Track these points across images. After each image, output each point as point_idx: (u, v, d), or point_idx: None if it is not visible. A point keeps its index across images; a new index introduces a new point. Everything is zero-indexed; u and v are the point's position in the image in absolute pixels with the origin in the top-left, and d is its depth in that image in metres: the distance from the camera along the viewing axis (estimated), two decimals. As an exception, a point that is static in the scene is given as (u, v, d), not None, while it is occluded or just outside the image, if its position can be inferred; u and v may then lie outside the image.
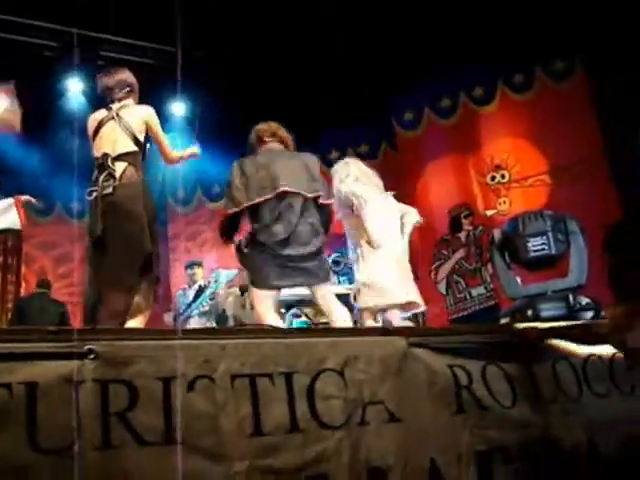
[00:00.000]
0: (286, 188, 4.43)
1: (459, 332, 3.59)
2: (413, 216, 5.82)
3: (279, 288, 4.51)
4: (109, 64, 8.63)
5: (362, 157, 9.33)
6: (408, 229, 5.73)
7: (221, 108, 8.44)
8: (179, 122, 8.86)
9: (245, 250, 4.52)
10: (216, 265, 8.39)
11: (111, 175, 4.31)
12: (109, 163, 4.35)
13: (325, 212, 4.74)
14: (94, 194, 4.33)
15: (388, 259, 5.28)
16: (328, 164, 9.25)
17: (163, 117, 8.73)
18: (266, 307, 4.30)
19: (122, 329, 3.39)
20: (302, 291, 6.44)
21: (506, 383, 3.40)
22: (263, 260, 4.39)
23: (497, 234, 5.47)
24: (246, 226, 4.60)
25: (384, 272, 5.21)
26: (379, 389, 3.03)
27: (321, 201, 4.62)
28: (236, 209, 4.48)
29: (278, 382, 2.78)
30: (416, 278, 8.54)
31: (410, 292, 5.36)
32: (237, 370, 2.71)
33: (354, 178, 5.45)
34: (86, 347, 2.48)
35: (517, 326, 3.68)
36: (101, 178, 4.34)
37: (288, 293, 6.24)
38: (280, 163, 4.57)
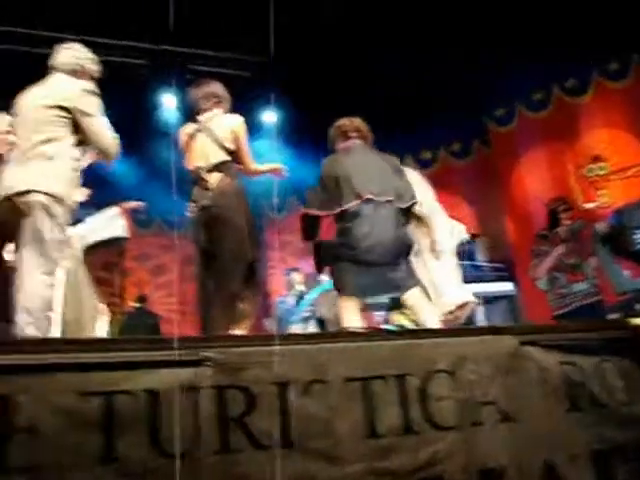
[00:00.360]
0: (372, 196, 4.34)
1: (570, 329, 3.51)
2: (461, 232, 5.80)
3: (364, 297, 4.45)
4: (199, 77, 8.86)
5: (455, 155, 9.31)
6: (454, 243, 5.71)
7: (312, 113, 8.48)
8: (270, 131, 8.96)
9: (329, 254, 4.46)
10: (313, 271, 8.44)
11: (206, 187, 4.39)
12: (203, 175, 4.43)
13: (411, 217, 4.68)
14: (193, 207, 4.43)
15: (449, 265, 5.26)
16: (422, 164, 9.29)
17: (254, 127, 8.98)
18: (350, 311, 4.25)
19: (236, 336, 3.45)
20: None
21: (621, 380, 3.31)
22: (348, 267, 4.27)
23: (601, 227, 5.33)
24: (329, 227, 4.58)
25: (446, 277, 5.15)
26: (491, 389, 3.00)
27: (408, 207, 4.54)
28: (324, 212, 4.45)
29: (391, 384, 2.78)
30: (513, 275, 8.43)
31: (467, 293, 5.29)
32: (350, 373, 2.72)
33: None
34: (202, 354, 2.54)
35: (630, 321, 3.57)
36: (198, 190, 4.43)
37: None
38: (369, 165, 4.51)
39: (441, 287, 5.02)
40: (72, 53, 4.17)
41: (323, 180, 4.49)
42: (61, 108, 3.79)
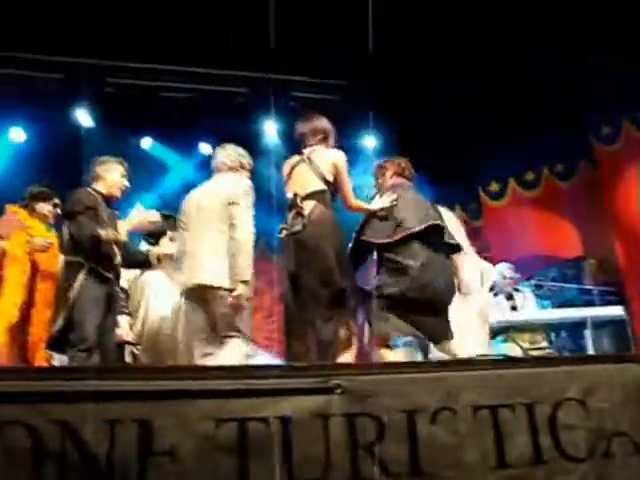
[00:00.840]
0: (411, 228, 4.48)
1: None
2: (491, 274, 5.72)
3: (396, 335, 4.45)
4: (300, 104, 9.01)
5: (559, 176, 9.10)
6: (486, 286, 5.61)
7: (412, 137, 8.50)
8: (370, 155, 8.99)
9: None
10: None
11: (300, 213, 4.47)
12: (298, 202, 4.50)
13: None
14: (284, 232, 4.54)
15: (471, 308, 5.18)
16: (526, 186, 9.15)
17: (354, 152, 9.04)
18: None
19: (367, 364, 3.48)
20: (512, 317, 6.39)
21: None
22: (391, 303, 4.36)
23: None
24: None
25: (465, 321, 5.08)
26: (622, 419, 2.92)
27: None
28: (380, 240, 4.53)
29: (520, 412, 2.75)
30: (623, 298, 8.16)
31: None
32: (478, 401, 2.70)
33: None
34: (333, 382, 2.57)
35: None
36: (291, 216, 4.53)
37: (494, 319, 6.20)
38: (420, 202, 4.69)
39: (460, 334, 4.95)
40: (229, 153, 4.80)
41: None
42: (228, 204, 4.40)
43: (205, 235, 4.42)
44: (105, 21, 7.65)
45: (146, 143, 8.81)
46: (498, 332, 6.27)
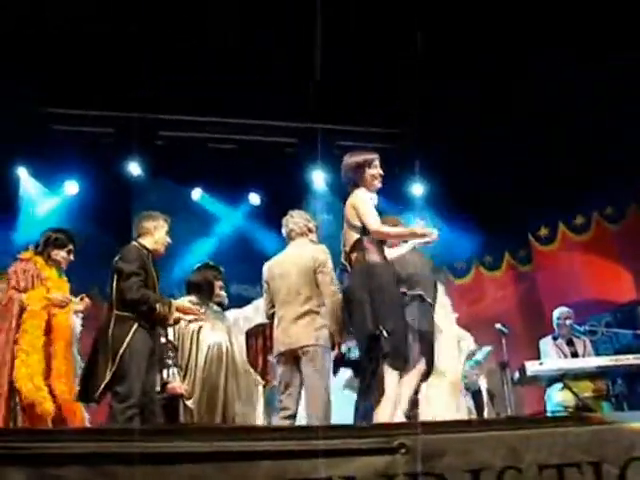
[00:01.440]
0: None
1: None
2: (469, 342, 5.68)
3: None
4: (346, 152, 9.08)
5: (609, 219, 8.98)
6: (463, 356, 5.56)
7: (462, 184, 8.50)
8: (419, 202, 9.03)
9: None
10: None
11: (344, 270, 4.56)
12: (342, 259, 4.59)
13: None
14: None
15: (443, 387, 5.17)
16: (576, 230, 9.05)
17: (403, 199, 9.07)
18: None
19: (431, 422, 3.46)
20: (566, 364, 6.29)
21: None
22: None
23: None
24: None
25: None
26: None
27: None
28: None
29: (586, 472, 2.70)
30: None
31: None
32: (544, 460, 2.66)
33: None
34: (397, 442, 2.57)
35: None
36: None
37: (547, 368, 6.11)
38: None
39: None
40: (297, 220, 5.22)
41: None
42: (314, 272, 4.89)
43: (292, 301, 4.92)
44: (155, 75, 7.86)
45: (196, 194, 8.94)
46: (554, 380, 6.17)
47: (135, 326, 4.59)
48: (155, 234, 4.95)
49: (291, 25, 7.58)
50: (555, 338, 6.95)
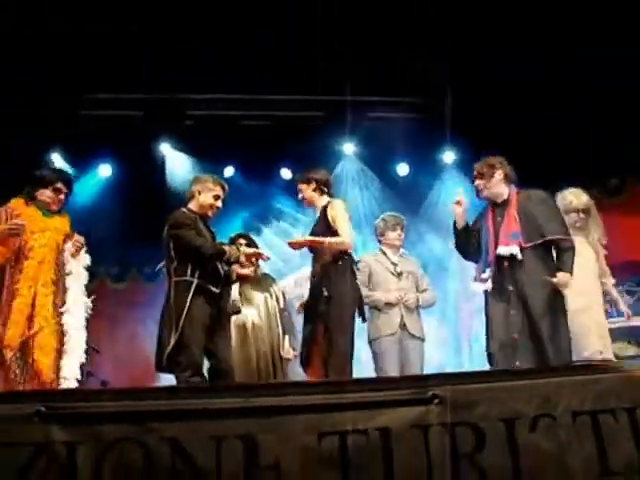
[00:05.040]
0: None
1: None
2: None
3: None
4: (377, 124, 9.06)
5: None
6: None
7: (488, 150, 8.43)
8: (451, 169, 8.97)
9: None
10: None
11: None
12: None
13: None
14: None
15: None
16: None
17: (435, 166, 9.04)
18: None
19: (463, 373, 3.50)
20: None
21: None
22: None
23: None
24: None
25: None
26: None
27: None
28: None
29: (621, 418, 2.71)
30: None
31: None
32: (578, 407, 2.68)
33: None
34: (431, 393, 2.60)
35: None
36: None
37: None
38: None
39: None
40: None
41: None
42: None
43: None
44: (181, 55, 7.90)
45: (229, 172, 8.98)
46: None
47: (192, 291, 4.65)
48: (200, 197, 4.97)
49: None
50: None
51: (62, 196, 4.94)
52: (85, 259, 4.98)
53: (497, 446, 2.62)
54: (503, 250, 4.78)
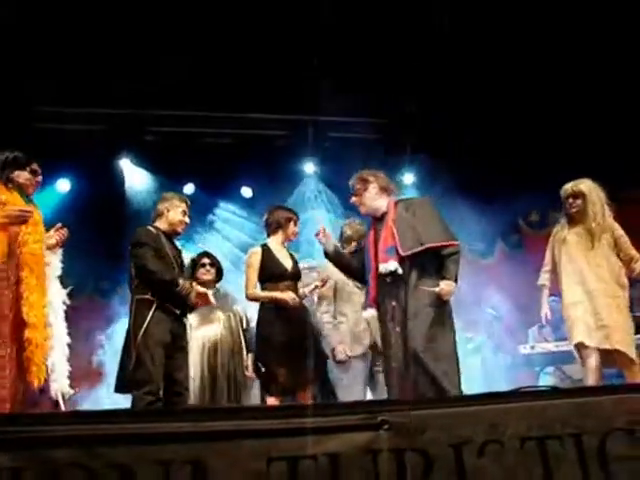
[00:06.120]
0: None
1: None
2: None
3: None
4: (337, 144, 9.13)
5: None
6: None
7: (447, 171, 8.54)
8: (409, 190, 9.06)
9: None
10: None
11: None
12: None
13: None
14: None
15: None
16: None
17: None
18: None
19: (413, 400, 3.52)
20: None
21: None
22: None
23: None
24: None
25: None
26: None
27: None
28: None
29: (567, 444, 2.74)
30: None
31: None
32: (525, 433, 2.71)
33: None
34: (379, 418, 2.61)
35: None
36: None
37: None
38: None
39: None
40: None
41: None
42: None
43: None
44: (142, 71, 7.89)
45: (189, 189, 8.97)
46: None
47: (153, 308, 4.63)
48: (169, 215, 5.00)
49: (281, 15, 7.59)
50: (542, 327, 6.98)
51: (39, 178, 4.66)
52: (59, 253, 4.85)
53: (446, 471, 2.63)
54: (382, 267, 4.62)
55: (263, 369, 5.25)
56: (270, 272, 5.37)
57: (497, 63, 7.79)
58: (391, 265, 4.58)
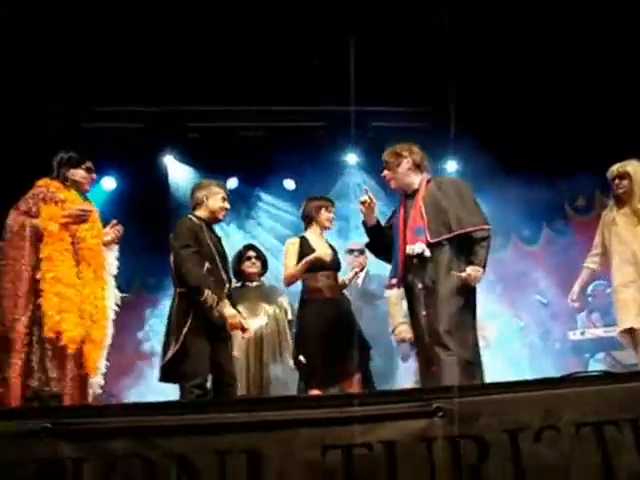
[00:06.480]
0: None
1: None
2: None
3: None
4: (380, 134, 9.07)
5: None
6: None
7: (491, 158, 8.45)
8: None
9: None
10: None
11: None
12: None
13: None
14: None
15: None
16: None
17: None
18: None
19: (467, 386, 3.50)
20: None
21: None
22: None
23: None
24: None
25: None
26: None
27: None
28: None
29: (624, 429, 2.71)
30: None
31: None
32: (581, 419, 2.68)
33: None
34: (434, 405, 2.61)
35: None
36: None
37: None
38: None
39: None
40: None
41: None
42: None
43: None
44: (181, 67, 7.94)
45: (232, 183, 9.02)
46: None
47: (194, 301, 4.66)
48: (209, 203, 5.01)
49: (319, 7, 7.58)
50: (590, 312, 6.89)
51: (94, 175, 4.84)
52: (116, 249, 4.93)
53: (501, 458, 2.62)
54: (409, 249, 4.51)
55: (304, 361, 5.24)
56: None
57: (541, 44, 7.66)
58: (418, 247, 4.46)
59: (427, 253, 4.44)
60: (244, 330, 4.94)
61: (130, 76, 8.05)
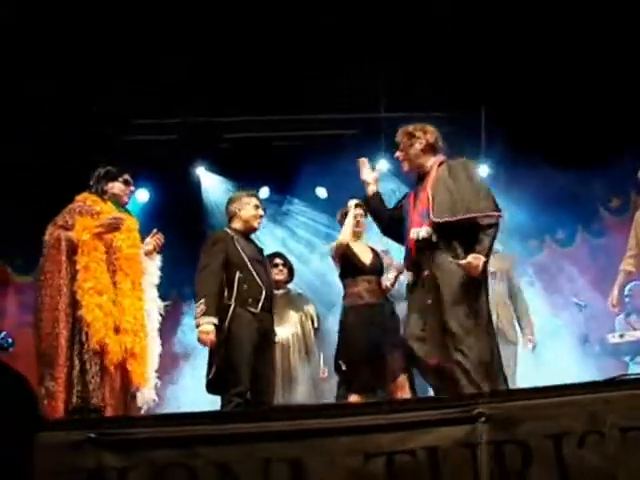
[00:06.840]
0: None
1: None
2: None
3: None
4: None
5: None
6: None
7: (524, 162, 8.40)
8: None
9: None
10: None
11: None
12: None
13: None
14: None
15: None
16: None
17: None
18: None
19: (509, 390, 3.48)
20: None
21: None
22: None
23: None
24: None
25: None
26: None
27: None
28: None
29: (671, 432, 2.67)
30: None
31: None
32: (626, 423, 2.65)
33: None
34: (476, 411, 2.59)
35: None
36: None
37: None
38: None
39: None
40: None
41: None
42: None
43: None
44: (212, 79, 8.01)
45: (264, 193, 9.05)
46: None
47: (230, 312, 4.70)
48: (242, 214, 5.08)
49: (349, 15, 7.61)
50: (628, 314, 6.81)
51: (132, 188, 4.95)
52: (158, 259, 5.00)
53: (545, 463, 2.59)
54: (413, 232, 4.35)
55: (344, 367, 5.22)
56: (348, 267, 5.39)
57: (574, 43, 7.61)
58: (423, 231, 4.27)
59: (433, 238, 4.26)
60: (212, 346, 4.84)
61: (163, 89, 8.14)
